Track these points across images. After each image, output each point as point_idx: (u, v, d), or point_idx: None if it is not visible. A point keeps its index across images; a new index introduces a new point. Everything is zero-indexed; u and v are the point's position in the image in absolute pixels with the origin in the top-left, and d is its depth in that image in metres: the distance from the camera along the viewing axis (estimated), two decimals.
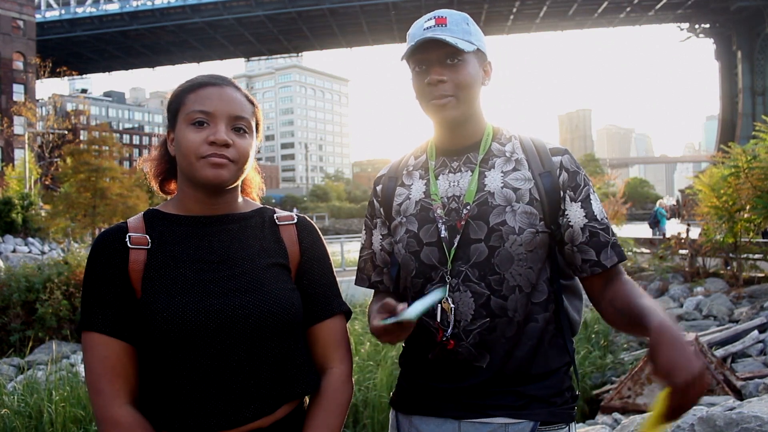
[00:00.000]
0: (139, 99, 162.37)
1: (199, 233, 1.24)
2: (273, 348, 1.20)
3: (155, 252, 1.20)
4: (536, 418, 1.29)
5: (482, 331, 1.30)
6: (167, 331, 1.13)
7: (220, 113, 1.20)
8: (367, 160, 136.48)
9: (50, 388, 5.29)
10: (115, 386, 1.13)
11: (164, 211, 1.27)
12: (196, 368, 1.14)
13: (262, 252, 1.26)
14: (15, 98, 44.14)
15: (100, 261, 1.19)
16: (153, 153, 1.36)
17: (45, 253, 20.86)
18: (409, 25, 1.43)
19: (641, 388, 4.47)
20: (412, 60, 1.35)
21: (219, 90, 1.22)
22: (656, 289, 9.21)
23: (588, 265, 1.33)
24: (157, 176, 1.35)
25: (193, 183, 1.23)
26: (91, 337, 1.16)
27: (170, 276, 1.18)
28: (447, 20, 1.32)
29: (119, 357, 1.15)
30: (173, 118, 1.25)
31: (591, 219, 1.33)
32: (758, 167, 8.40)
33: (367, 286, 1.53)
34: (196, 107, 1.20)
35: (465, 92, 1.32)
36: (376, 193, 1.50)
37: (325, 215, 55.45)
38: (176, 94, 1.25)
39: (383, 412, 5.29)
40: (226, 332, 1.15)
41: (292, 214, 1.36)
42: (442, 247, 1.33)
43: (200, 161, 1.18)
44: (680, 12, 58.28)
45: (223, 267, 1.21)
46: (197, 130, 1.19)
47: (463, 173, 1.38)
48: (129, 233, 1.21)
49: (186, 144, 1.19)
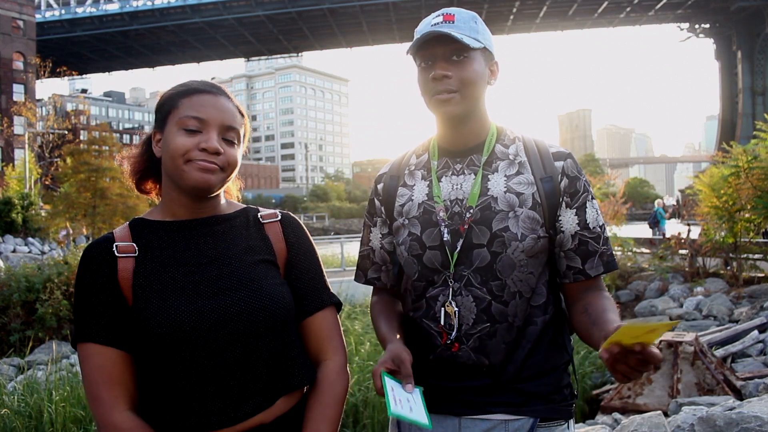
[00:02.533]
0: (139, 99, 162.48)
1: (185, 237, 1.24)
2: (267, 343, 1.21)
3: (143, 259, 1.21)
4: (536, 414, 1.30)
5: (482, 336, 1.31)
6: (162, 334, 1.14)
7: (214, 121, 1.21)
8: (367, 160, 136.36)
9: (50, 388, 5.30)
10: (114, 393, 1.14)
11: (150, 219, 1.28)
12: (193, 368, 1.15)
13: (248, 250, 1.27)
14: (15, 98, 44.13)
15: (89, 272, 1.20)
16: (134, 150, 1.35)
17: (45, 253, 20.87)
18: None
19: (641, 388, 4.47)
20: (419, 55, 1.35)
21: (214, 98, 1.23)
22: (656, 289, 9.20)
23: (572, 272, 1.34)
24: (134, 174, 1.34)
25: (179, 187, 1.23)
26: (86, 347, 1.16)
27: (160, 280, 1.18)
28: (455, 17, 1.32)
29: (115, 365, 1.15)
30: (163, 119, 1.25)
31: (583, 227, 1.34)
32: (758, 167, 8.40)
33: (364, 282, 1.54)
34: (190, 113, 1.20)
35: (469, 89, 1.32)
36: (377, 192, 1.50)
37: (325, 215, 55.44)
38: (169, 96, 1.25)
39: (383, 412, 5.29)
40: (220, 331, 1.16)
41: (276, 212, 1.37)
42: (445, 251, 1.33)
43: (188, 164, 1.19)
44: (680, 12, 58.25)
45: (212, 267, 1.22)
46: (189, 136, 1.20)
47: (466, 176, 1.37)
48: (115, 242, 1.22)
49: (175, 147, 1.19)
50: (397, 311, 1.47)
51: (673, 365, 4.37)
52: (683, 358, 4.36)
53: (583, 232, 1.34)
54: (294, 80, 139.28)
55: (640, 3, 57.75)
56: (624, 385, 4.56)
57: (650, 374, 4.47)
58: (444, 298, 1.33)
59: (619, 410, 4.42)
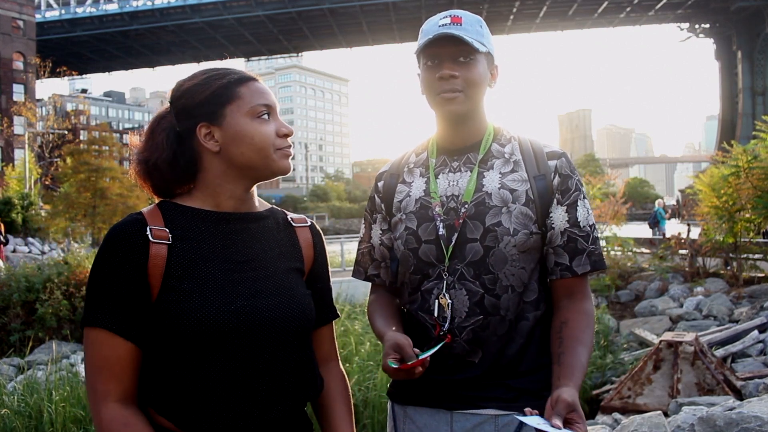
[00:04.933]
0: (139, 99, 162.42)
1: (223, 231, 1.21)
2: (294, 351, 1.21)
3: (178, 248, 1.15)
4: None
5: (475, 328, 1.34)
6: (200, 332, 1.10)
7: (275, 106, 1.24)
8: (367, 160, 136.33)
9: (50, 388, 5.30)
10: (108, 386, 1.10)
11: (183, 204, 1.22)
12: (224, 370, 1.13)
13: (281, 255, 1.27)
14: (15, 98, 44.11)
15: (117, 255, 1.12)
16: (167, 153, 1.21)
17: (45, 253, 20.87)
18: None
19: (641, 388, 4.47)
20: (425, 54, 1.38)
21: (264, 86, 1.26)
22: (656, 289, 9.20)
23: (559, 268, 1.37)
24: (146, 181, 1.29)
25: (245, 179, 1.23)
26: (95, 333, 1.11)
27: (200, 275, 1.14)
28: (462, 20, 1.36)
29: (120, 357, 1.11)
30: (220, 111, 1.19)
31: (573, 224, 1.37)
32: (759, 167, 8.40)
33: (364, 278, 1.57)
34: (260, 101, 1.21)
35: (474, 90, 1.36)
36: (378, 189, 1.54)
37: (325, 215, 55.42)
38: (224, 86, 1.19)
39: (383, 412, 5.29)
40: (255, 334, 1.15)
41: (305, 217, 1.38)
42: (440, 245, 1.37)
43: (277, 153, 1.21)
44: (680, 12, 58.26)
45: (249, 268, 1.20)
46: (266, 123, 1.21)
47: (462, 173, 1.41)
48: (149, 226, 1.15)
49: (263, 137, 1.19)
50: (394, 306, 1.50)
51: (673, 365, 4.37)
52: (683, 358, 4.36)
53: (573, 230, 1.36)
54: (294, 80, 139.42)
55: (640, 3, 57.76)
56: (624, 385, 4.56)
57: (651, 374, 4.47)
58: (438, 291, 1.37)
59: (619, 410, 4.42)
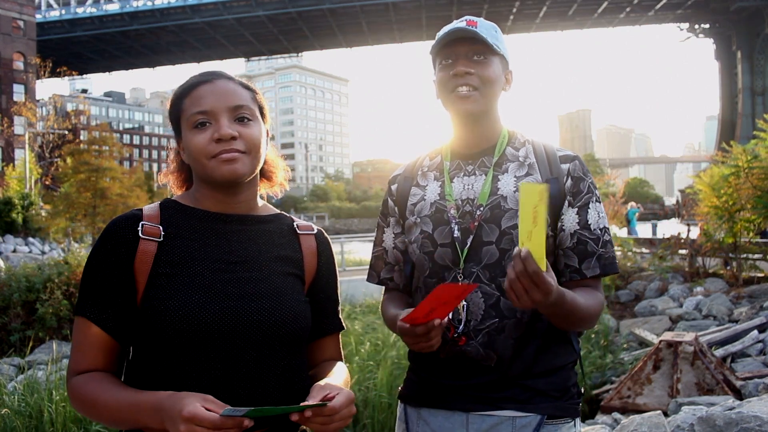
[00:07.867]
0: (139, 99, 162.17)
1: (217, 230, 1.22)
2: (282, 359, 1.18)
3: (169, 246, 1.17)
4: (543, 411, 1.32)
5: (491, 331, 1.33)
6: (181, 330, 1.11)
7: (218, 108, 1.18)
8: (367, 160, 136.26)
9: (50, 388, 5.29)
10: (81, 366, 1.15)
11: (182, 203, 1.24)
12: (205, 371, 1.12)
13: (279, 260, 1.25)
14: (15, 98, 44.08)
15: (105, 249, 1.17)
16: (171, 166, 1.35)
17: (45, 253, 20.85)
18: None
19: (641, 388, 4.47)
20: (441, 53, 1.41)
21: (211, 86, 1.20)
22: (656, 289, 9.19)
23: (569, 270, 1.37)
24: (181, 187, 1.35)
25: (211, 184, 1.21)
26: (81, 321, 1.16)
27: (187, 273, 1.15)
28: (478, 24, 1.38)
29: (100, 349, 1.15)
30: (177, 126, 1.24)
31: (583, 227, 1.36)
32: (758, 167, 8.39)
33: (377, 282, 1.57)
34: (194, 109, 1.19)
35: (488, 88, 1.38)
36: (391, 192, 1.54)
37: (325, 215, 55.46)
38: (173, 103, 1.25)
39: (383, 412, 5.29)
40: (239, 336, 1.14)
41: (311, 225, 1.36)
42: (456, 248, 1.37)
43: (212, 161, 1.17)
44: (680, 12, 58.30)
45: (240, 269, 1.19)
46: (201, 132, 1.18)
47: (477, 176, 1.41)
48: (143, 221, 1.18)
49: (194, 147, 1.18)
50: (407, 303, 1.50)
51: (673, 365, 4.37)
52: (683, 358, 4.36)
53: (583, 232, 1.36)
54: (294, 80, 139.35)
55: (640, 3, 57.79)
56: (624, 385, 4.57)
57: (651, 374, 4.47)
58: None
59: (618, 410, 4.42)
